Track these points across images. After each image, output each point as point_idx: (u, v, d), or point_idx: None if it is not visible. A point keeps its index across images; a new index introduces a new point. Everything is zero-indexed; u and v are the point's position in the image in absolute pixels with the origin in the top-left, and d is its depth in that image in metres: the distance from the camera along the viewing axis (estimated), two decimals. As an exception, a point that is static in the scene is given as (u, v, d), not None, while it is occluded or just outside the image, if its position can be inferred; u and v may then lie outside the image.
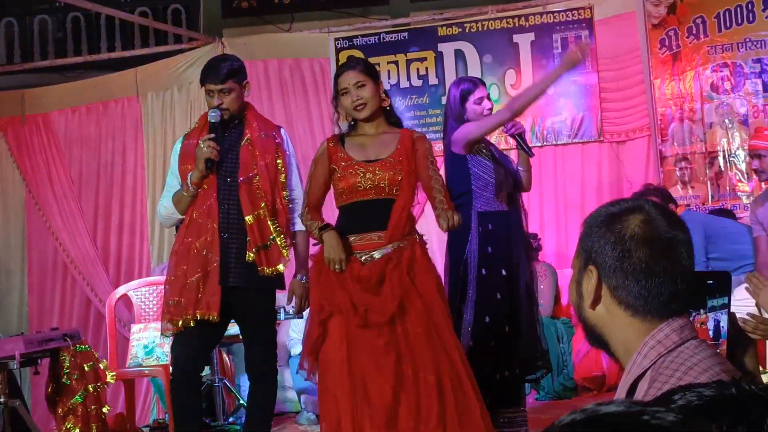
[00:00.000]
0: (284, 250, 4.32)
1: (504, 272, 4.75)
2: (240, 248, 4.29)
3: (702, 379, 1.55)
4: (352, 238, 4.02)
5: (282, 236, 4.31)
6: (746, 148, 6.62)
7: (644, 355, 1.65)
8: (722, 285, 1.94)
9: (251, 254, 4.26)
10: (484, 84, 5.07)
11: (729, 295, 1.93)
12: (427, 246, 4.18)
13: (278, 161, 4.39)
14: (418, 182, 4.11)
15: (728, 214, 6.71)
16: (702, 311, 1.93)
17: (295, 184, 4.49)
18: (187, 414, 4.36)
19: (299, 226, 4.41)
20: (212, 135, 4.26)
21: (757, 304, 5.44)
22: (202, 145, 4.24)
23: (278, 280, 4.42)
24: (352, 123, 4.19)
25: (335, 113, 4.23)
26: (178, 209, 4.41)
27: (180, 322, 4.26)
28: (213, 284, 4.25)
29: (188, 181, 4.31)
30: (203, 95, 7.98)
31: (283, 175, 4.39)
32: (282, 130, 4.54)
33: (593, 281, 1.69)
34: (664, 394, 1.15)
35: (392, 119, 4.22)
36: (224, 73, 4.35)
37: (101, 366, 5.09)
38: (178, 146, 4.53)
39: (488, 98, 4.95)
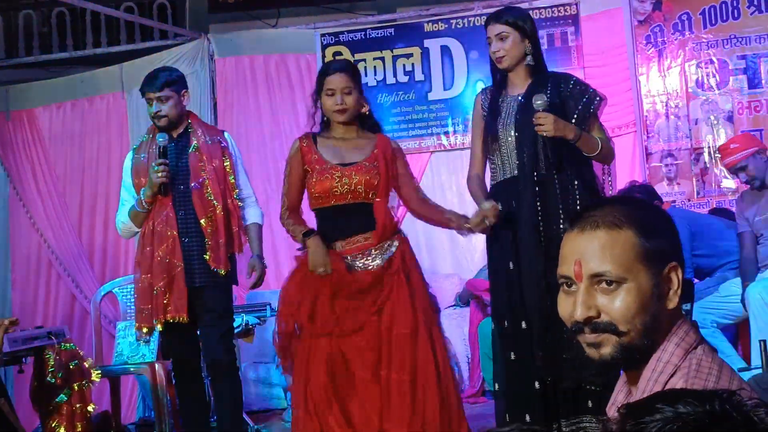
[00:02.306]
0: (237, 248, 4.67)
1: None
2: (201, 250, 4.58)
3: (734, 385, 1.56)
4: (339, 244, 4.02)
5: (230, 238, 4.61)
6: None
7: (671, 353, 1.66)
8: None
9: (208, 254, 4.54)
10: None
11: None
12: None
13: (225, 164, 4.66)
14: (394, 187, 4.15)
15: (725, 213, 6.67)
16: None
17: (243, 183, 4.78)
18: (194, 403, 4.71)
19: (251, 219, 4.74)
20: (164, 160, 4.50)
21: (742, 300, 5.46)
22: (154, 169, 4.48)
23: (231, 277, 4.70)
24: (326, 120, 4.18)
25: (313, 107, 4.22)
26: (135, 223, 4.70)
27: (150, 328, 4.61)
28: (179, 288, 4.54)
29: (141, 198, 4.58)
30: (189, 91, 8.03)
31: (232, 177, 4.68)
32: (226, 134, 4.84)
33: (679, 276, 1.71)
34: (648, 399, 1.14)
35: (368, 124, 4.21)
36: (162, 82, 4.63)
37: (86, 364, 5.06)
38: (129, 161, 4.79)
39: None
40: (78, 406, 4.89)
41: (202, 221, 4.55)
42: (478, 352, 6.57)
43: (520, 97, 4.00)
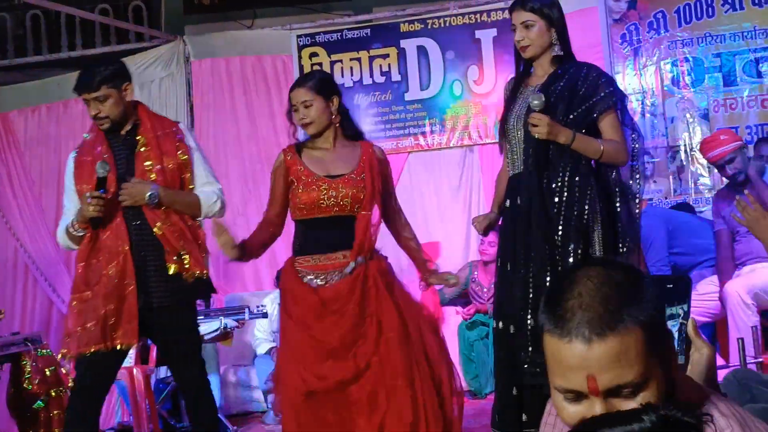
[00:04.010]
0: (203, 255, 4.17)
1: None
2: (160, 264, 4.09)
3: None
4: (317, 257, 4.00)
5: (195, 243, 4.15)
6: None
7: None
8: (681, 291, 1.86)
9: (172, 266, 4.07)
10: None
11: (688, 302, 1.85)
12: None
13: (183, 158, 4.18)
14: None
15: (688, 208, 6.75)
16: None
17: (203, 176, 4.27)
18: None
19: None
20: (100, 193, 3.93)
21: (720, 298, 5.48)
22: (87, 201, 3.95)
23: (201, 289, 4.26)
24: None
25: (291, 126, 4.20)
26: (72, 242, 4.15)
27: (91, 352, 3.98)
28: (130, 311, 4.02)
29: (73, 223, 4.08)
30: (165, 94, 8.03)
31: (189, 172, 4.19)
32: (181, 125, 4.33)
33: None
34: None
35: (349, 132, 4.19)
36: (97, 80, 4.06)
37: (63, 370, 5.04)
38: (71, 163, 4.22)
39: None
40: (55, 412, 4.88)
41: (155, 229, 4.04)
42: (458, 354, 6.59)
43: (536, 89, 3.83)
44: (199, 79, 8.02)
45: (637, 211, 3.88)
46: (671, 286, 1.87)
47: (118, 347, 4.01)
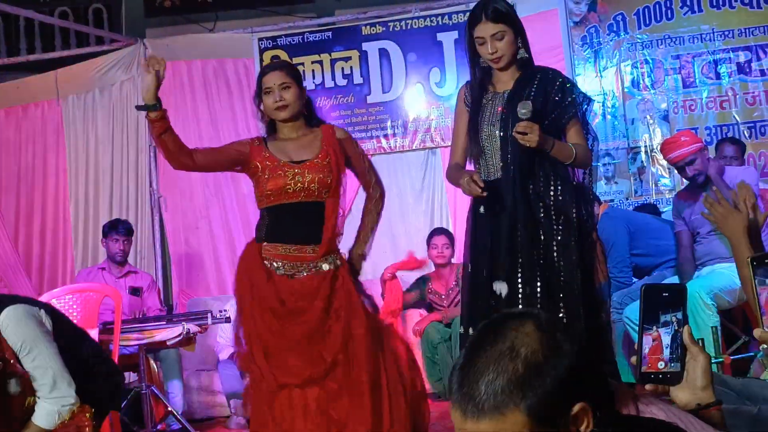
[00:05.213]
0: None
1: None
2: None
3: None
4: (287, 247, 3.97)
5: None
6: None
7: None
8: (676, 298, 1.85)
9: None
10: None
11: (685, 310, 1.84)
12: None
13: None
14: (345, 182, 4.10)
15: (653, 209, 6.81)
16: (654, 327, 1.83)
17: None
18: None
19: None
20: None
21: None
22: None
23: None
24: (270, 123, 4.13)
25: (258, 112, 4.15)
26: None
27: None
28: None
29: None
30: (126, 97, 7.97)
31: None
32: None
33: (589, 418, 1.61)
34: None
35: (313, 122, 4.18)
36: None
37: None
38: None
39: None
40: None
41: None
42: (422, 356, 6.58)
43: (506, 94, 3.79)
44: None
45: (596, 213, 3.91)
46: (666, 294, 1.86)
47: None
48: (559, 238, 3.65)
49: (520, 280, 3.66)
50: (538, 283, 3.62)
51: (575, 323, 3.56)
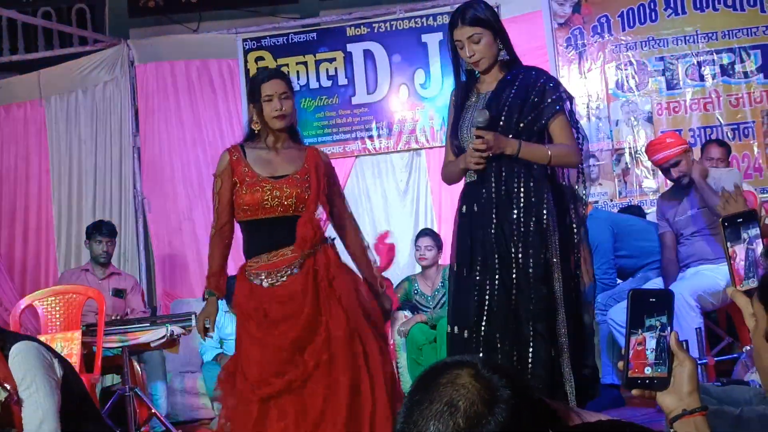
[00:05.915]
0: None
1: None
2: None
3: None
4: (264, 257, 3.96)
5: None
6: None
7: None
8: (662, 303, 1.84)
9: None
10: None
11: (670, 315, 1.82)
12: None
13: None
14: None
15: (638, 211, 6.82)
16: (639, 331, 1.82)
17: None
18: None
19: None
20: None
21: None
22: None
23: None
24: (252, 130, 4.11)
25: (252, 116, 4.12)
26: None
27: None
28: None
29: None
30: (109, 98, 7.94)
31: None
32: None
33: None
34: None
35: (296, 136, 4.17)
36: None
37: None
38: None
39: None
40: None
41: None
42: (406, 357, 6.58)
43: (488, 95, 3.82)
44: (144, 83, 7.95)
45: (583, 214, 3.91)
46: (654, 300, 1.85)
47: None
48: (530, 238, 3.65)
49: (498, 278, 3.67)
50: (514, 282, 3.64)
51: (537, 329, 3.59)
